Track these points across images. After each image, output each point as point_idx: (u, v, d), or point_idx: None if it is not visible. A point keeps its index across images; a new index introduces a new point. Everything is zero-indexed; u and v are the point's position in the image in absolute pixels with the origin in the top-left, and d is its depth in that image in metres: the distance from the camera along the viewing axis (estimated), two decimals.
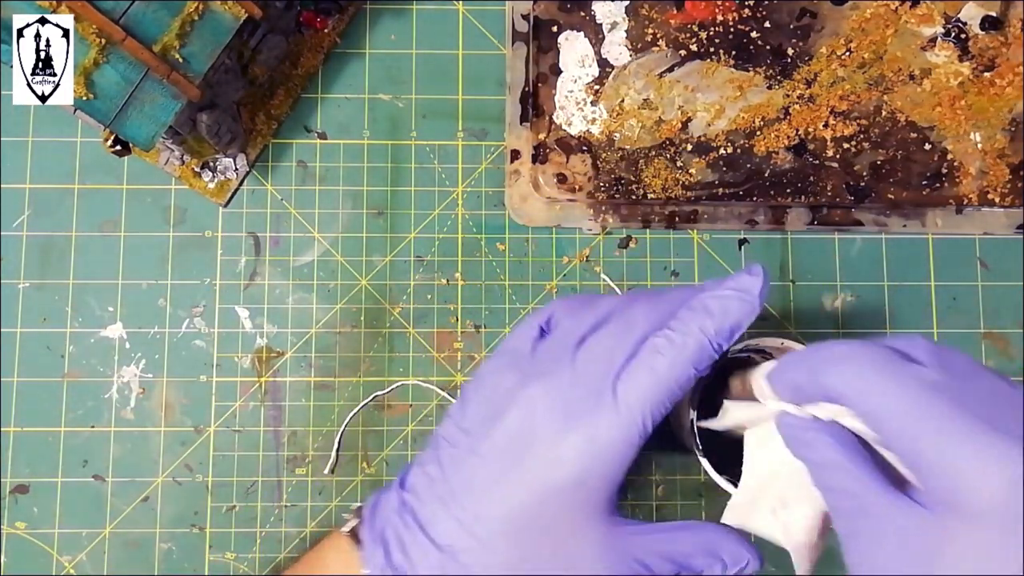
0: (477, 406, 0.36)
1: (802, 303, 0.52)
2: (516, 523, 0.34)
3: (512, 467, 0.34)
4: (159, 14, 0.42)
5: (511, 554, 0.34)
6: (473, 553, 0.34)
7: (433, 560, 0.35)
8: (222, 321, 0.50)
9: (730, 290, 0.35)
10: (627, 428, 0.34)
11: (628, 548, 0.35)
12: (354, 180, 0.52)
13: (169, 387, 0.50)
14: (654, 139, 0.51)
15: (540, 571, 0.34)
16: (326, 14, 0.52)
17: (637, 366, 0.34)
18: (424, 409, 0.50)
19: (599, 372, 0.35)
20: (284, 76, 0.52)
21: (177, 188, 0.51)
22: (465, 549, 0.34)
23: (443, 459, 0.36)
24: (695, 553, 0.36)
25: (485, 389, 0.37)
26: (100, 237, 0.51)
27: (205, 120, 0.47)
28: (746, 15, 0.52)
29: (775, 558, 0.50)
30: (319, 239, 0.51)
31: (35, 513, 0.49)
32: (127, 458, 0.49)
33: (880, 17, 0.52)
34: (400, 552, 0.35)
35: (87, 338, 0.50)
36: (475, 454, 0.35)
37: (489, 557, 0.34)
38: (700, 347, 0.34)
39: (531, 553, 0.34)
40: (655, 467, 0.50)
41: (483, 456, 0.35)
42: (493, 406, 0.36)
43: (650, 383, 0.34)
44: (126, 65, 0.42)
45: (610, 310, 0.37)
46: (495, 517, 0.34)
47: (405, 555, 0.35)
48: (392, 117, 0.52)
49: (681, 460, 0.50)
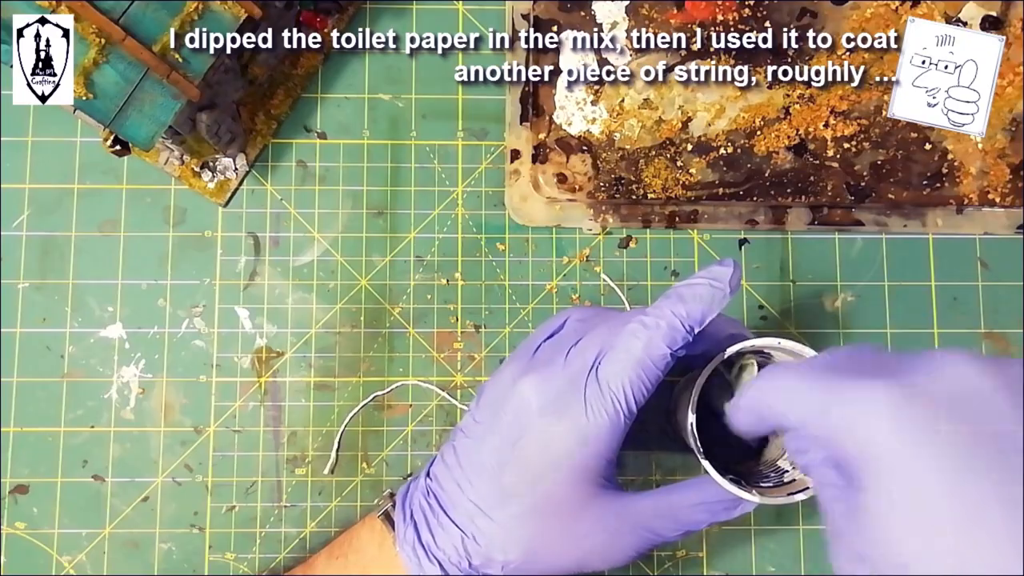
0: (487, 399, 0.40)
1: (802, 303, 0.52)
2: (524, 503, 0.38)
3: (513, 451, 0.38)
4: (159, 14, 0.42)
5: (523, 533, 0.38)
6: (488, 533, 0.38)
7: (456, 540, 0.39)
8: (222, 321, 0.50)
9: (701, 279, 0.38)
10: (609, 405, 0.37)
11: (633, 516, 0.39)
12: (354, 180, 0.52)
13: (169, 387, 0.50)
14: (654, 139, 0.51)
15: (552, 548, 0.38)
16: (326, 14, 0.52)
17: (615, 350, 0.38)
18: (424, 409, 0.50)
19: (585, 362, 0.38)
20: (284, 76, 0.52)
21: (177, 188, 0.51)
22: (481, 530, 0.38)
23: (458, 448, 0.40)
24: (696, 509, 0.39)
25: (494, 384, 0.40)
26: (100, 237, 0.51)
27: (205, 120, 0.47)
28: (746, 15, 0.52)
29: (775, 558, 0.50)
30: (319, 239, 0.51)
31: (35, 513, 0.49)
32: (127, 458, 0.49)
33: (880, 17, 0.52)
34: (428, 532, 0.39)
35: (87, 338, 0.50)
36: (483, 441, 0.39)
37: (504, 536, 0.38)
38: (672, 328, 0.37)
39: (542, 531, 0.38)
40: (655, 467, 0.50)
41: (489, 443, 0.39)
42: (497, 398, 0.40)
43: (627, 362, 0.37)
44: (126, 65, 0.42)
45: (615, 319, 0.40)
46: (504, 498, 0.38)
47: (432, 535, 0.39)
48: (392, 117, 0.52)
49: (682, 460, 0.50)
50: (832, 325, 0.51)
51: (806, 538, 0.50)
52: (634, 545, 0.39)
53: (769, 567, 0.49)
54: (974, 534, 0.25)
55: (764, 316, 0.51)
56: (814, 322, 0.51)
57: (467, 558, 0.38)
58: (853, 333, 0.51)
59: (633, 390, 0.37)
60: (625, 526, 0.39)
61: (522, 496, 0.38)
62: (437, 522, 0.39)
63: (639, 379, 0.37)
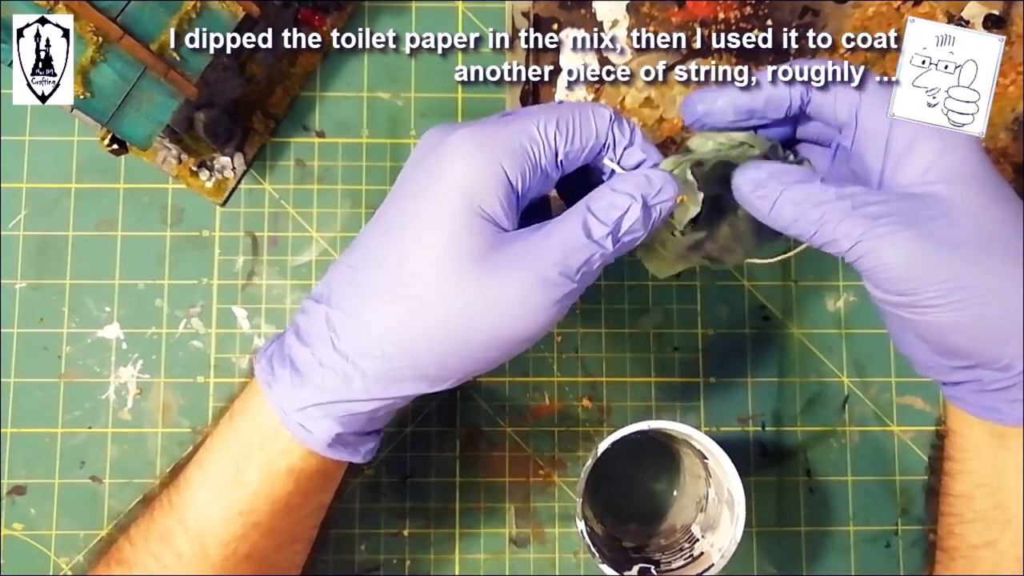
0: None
1: (804, 303, 0.51)
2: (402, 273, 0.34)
3: (388, 242, 0.34)
4: (156, 12, 0.42)
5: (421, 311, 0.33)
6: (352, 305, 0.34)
7: (319, 323, 0.35)
8: (220, 321, 0.50)
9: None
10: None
11: (531, 261, 0.33)
12: (353, 179, 0.51)
13: (166, 388, 0.50)
14: (656, 137, 0.51)
15: (475, 305, 0.33)
16: (324, 11, 0.51)
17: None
18: (423, 410, 0.50)
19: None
20: (282, 74, 0.51)
21: (174, 187, 0.51)
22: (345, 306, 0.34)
23: (329, 282, 0.36)
24: (602, 208, 0.35)
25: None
26: (97, 237, 0.50)
27: (202, 118, 0.47)
28: (748, 13, 0.52)
29: (776, 558, 0.49)
30: (317, 238, 0.51)
31: (32, 514, 0.49)
32: (124, 459, 0.49)
33: (882, 15, 0.52)
34: (284, 347, 0.36)
35: (84, 338, 0.50)
36: (353, 268, 0.35)
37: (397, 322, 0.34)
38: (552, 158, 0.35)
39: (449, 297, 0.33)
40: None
41: (360, 262, 0.35)
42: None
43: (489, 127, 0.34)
44: (123, 63, 0.42)
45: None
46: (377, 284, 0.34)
47: (288, 344, 0.36)
48: (391, 115, 0.52)
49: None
50: (834, 325, 0.51)
51: (807, 539, 0.49)
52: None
53: (770, 568, 0.49)
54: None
55: (766, 316, 0.51)
56: (816, 322, 0.51)
57: (331, 338, 0.34)
58: (855, 333, 0.51)
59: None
60: (532, 266, 0.33)
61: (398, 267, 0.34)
62: (295, 337, 0.36)
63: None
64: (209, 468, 0.37)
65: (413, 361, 0.34)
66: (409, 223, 0.34)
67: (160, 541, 0.37)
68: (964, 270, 0.34)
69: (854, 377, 0.51)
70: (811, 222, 0.35)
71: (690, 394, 0.50)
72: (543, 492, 0.50)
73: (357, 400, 0.35)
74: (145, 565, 0.37)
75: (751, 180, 0.36)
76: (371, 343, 0.34)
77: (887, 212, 0.34)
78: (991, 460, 0.39)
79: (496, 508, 0.49)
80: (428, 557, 0.49)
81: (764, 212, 0.36)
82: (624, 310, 0.51)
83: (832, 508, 0.50)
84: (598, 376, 0.50)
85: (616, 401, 0.50)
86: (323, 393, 0.35)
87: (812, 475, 0.50)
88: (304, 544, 0.41)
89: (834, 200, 0.35)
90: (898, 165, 0.36)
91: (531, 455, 0.50)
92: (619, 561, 0.42)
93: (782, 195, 0.35)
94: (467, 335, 0.33)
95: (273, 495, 0.36)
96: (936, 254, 0.34)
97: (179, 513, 0.37)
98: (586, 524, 0.41)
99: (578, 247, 0.33)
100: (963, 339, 0.36)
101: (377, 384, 0.34)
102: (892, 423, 0.50)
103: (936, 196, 0.35)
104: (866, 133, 0.37)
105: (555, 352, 0.50)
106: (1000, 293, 0.35)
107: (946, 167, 0.35)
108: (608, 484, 0.49)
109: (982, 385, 0.37)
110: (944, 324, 0.35)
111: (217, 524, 0.36)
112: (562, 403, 0.50)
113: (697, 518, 0.45)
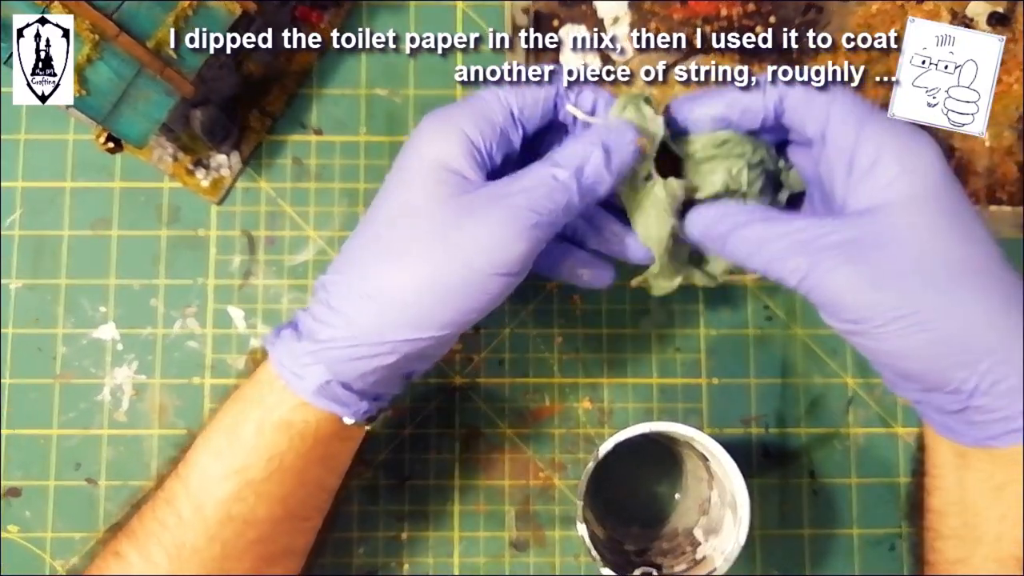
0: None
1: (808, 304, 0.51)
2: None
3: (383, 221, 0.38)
4: (153, 10, 0.42)
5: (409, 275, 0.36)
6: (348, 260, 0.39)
7: (333, 322, 0.37)
8: (216, 322, 0.50)
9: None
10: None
11: (501, 201, 0.36)
12: (350, 177, 0.51)
13: (162, 389, 0.49)
14: None
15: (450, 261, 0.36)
16: (322, 9, 0.51)
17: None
18: (422, 411, 0.49)
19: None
20: (278, 72, 0.51)
21: (170, 186, 0.50)
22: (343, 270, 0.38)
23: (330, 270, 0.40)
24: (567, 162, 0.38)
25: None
26: (92, 236, 0.50)
27: (198, 116, 0.46)
28: (751, 10, 0.51)
29: (779, 561, 0.49)
30: (315, 238, 0.51)
31: (27, 517, 0.48)
32: (120, 461, 0.49)
33: (886, 13, 0.51)
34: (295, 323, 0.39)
35: (79, 339, 0.49)
36: (350, 237, 0.40)
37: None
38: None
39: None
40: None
41: (355, 232, 0.39)
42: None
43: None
44: (119, 61, 0.41)
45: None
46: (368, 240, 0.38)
47: (300, 320, 0.39)
48: (389, 113, 0.51)
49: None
50: None
51: (811, 542, 0.49)
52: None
53: (771, 568, 0.49)
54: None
55: (769, 317, 0.51)
56: (818, 321, 0.51)
57: (326, 298, 0.38)
58: None
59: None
60: (509, 215, 0.36)
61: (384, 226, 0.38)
62: (303, 312, 0.39)
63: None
64: (211, 430, 0.39)
65: (403, 308, 0.36)
66: (391, 188, 0.38)
67: (166, 504, 0.39)
68: (907, 298, 0.35)
69: (858, 378, 0.50)
70: (762, 260, 0.38)
71: (692, 395, 0.50)
72: (543, 495, 0.49)
73: (348, 346, 0.37)
74: (150, 530, 0.38)
75: (702, 223, 0.40)
76: (362, 296, 0.37)
77: (833, 244, 0.36)
78: (956, 479, 0.39)
79: (496, 511, 0.49)
80: (427, 561, 0.49)
81: (718, 252, 0.40)
82: (625, 310, 0.50)
83: (836, 510, 0.49)
84: (599, 377, 0.50)
85: (617, 403, 0.50)
86: (317, 344, 0.37)
87: (816, 477, 0.50)
88: (304, 524, 0.41)
89: (781, 237, 0.37)
90: (860, 183, 0.36)
91: (531, 457, 0.49)
92: (621, 564, 0.42)
93: (732, 235, 0.38)
94: (446, 273, 0.36)
95: (267, 451, 0.38)
96: (881, 282, 0.35)
97: (183, 476, 0.39)
98: (587, 527, 0.40)
99: (543, 185, 0.37)
100: (913, 364, 0.36)
101: (369, 332, 0.37)
102: (896, 425, 0.50)
103: (889, 220, 0.36)
104: (835, 148, 0.37)
105: (555, 353, 0.50)
106: (945, 319, 0.35)
107: (903, 188, 0.36)
108: (609, 487, 0.49)
109: (940, 407, 0.38)
110: (893, 351, 0.36)
111: (214, 483, 0.38)
112: (563, 405, 0.50)
113: (700, 521, 0.45)
